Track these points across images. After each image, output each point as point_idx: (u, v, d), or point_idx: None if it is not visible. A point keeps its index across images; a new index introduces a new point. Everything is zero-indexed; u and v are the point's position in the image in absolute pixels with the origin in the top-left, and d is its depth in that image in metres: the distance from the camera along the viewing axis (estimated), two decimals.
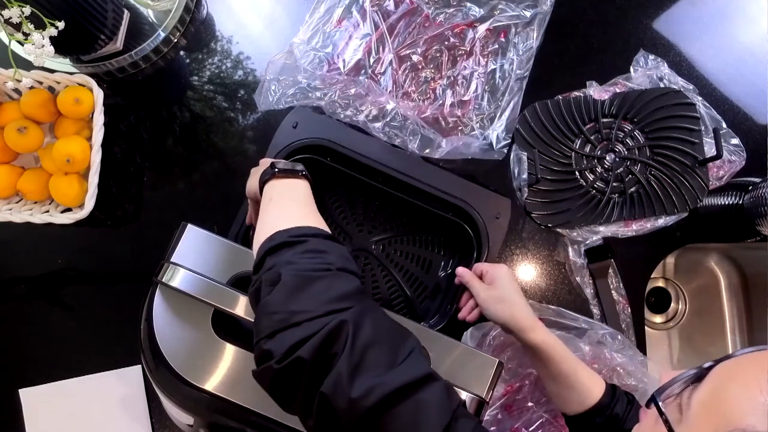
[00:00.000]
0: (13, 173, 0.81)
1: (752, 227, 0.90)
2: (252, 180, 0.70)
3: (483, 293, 0.75)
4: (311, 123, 0.84)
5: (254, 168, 0.72)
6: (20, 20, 0.67)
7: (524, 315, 0.73)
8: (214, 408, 0.59)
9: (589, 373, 0.72)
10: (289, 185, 0.63)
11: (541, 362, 0.72)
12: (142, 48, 0.89)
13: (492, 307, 0.74)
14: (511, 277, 0.76)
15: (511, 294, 0.74)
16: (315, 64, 0.89)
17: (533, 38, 0.93)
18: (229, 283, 0.61)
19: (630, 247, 0.92)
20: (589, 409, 0.70)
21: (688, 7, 1.02)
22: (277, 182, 0.63)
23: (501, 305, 0.73)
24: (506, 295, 0.74)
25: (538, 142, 0.92)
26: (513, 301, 0.73)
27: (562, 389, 0.72)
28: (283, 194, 0.62)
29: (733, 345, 1.10)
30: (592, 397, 0.70)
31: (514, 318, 0.72)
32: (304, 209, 0.61)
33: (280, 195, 0.62)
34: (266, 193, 0.63)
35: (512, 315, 0.72)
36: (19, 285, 0.86)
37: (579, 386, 0.71)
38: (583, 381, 0.71)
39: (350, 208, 0.92)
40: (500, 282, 0.75)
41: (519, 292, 0.75)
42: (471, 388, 0.62)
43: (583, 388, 0.71)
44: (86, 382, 0.83)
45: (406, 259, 0.91)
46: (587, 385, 0.71)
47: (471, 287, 0.77)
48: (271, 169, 0.64)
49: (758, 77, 1.00)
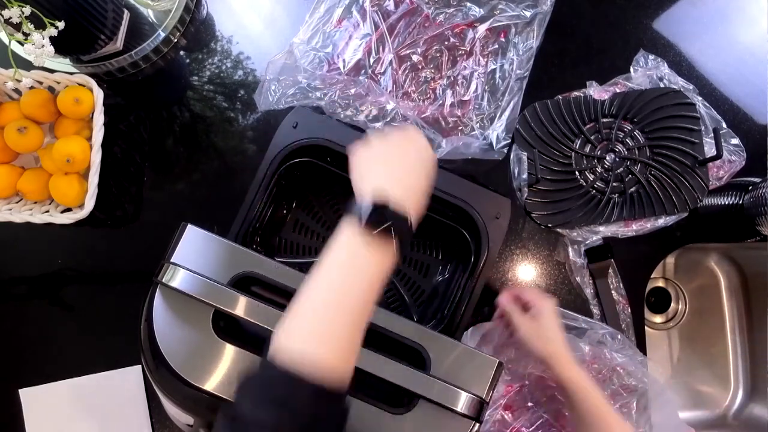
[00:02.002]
0: (13, 173, 0.81)
1: (752, 227, 0.90)
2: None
3: (525, 326, 0.75)
4: (311, 123, 0.84)
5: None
6: (20, 20, 0.67)
7: (562, 352, 0.72)
8: (214, 408, 0.59)
9: (617, 420, 0.70)
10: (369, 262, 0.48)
11: (571, 400, 0.72)
12: (142, 48, 0.89)
13: (533, 341, 0.74)
14: (556, 312, 0.76)
15: (554, 331, 0.74)
16: (315, 64, 0.89)
17: (533, 38, 0.93)
18: (229, 284, 0.61)
19: (630, 247, 0.92)
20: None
21: (688, 7, 1.02)
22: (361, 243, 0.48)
23: (542, 342, 0.73)
24: (549, 333, 0.74)
25: (538, 142, 0.92)
26: (555, 339, 0.73)
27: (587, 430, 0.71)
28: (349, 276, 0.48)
29: (733, 345, 1.10)
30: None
31: (551, 356, 0.72)
32: (351, 328, 0.47)
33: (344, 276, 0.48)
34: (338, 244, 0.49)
35: (551, 353, 0.72)
36: (19, 285, 0.86)
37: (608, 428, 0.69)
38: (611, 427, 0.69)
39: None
40: (545, 319, 0.74)
41: (561, 329, 0.75)
42: (471, 388, 0.61)
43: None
44: (86, 382, 0.83)
45: (404, 263, 0.91)
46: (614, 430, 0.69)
47: (512, 318, 0.77)
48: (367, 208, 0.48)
49: (758, 77, 1.00)
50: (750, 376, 1.08)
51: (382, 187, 0.50)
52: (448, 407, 0.60)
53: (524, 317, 0.76)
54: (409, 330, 0.64)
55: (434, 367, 0.62)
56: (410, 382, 0.60)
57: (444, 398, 0.60)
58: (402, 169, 0.54)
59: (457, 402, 0.60)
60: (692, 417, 1.08)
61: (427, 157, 0.57)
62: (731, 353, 1.10)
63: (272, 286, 0.62)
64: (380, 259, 0.49)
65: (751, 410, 1.06)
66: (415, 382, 0.60)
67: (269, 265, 0.63)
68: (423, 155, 0.57)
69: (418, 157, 0.56)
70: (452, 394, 0.61)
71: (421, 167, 0.56)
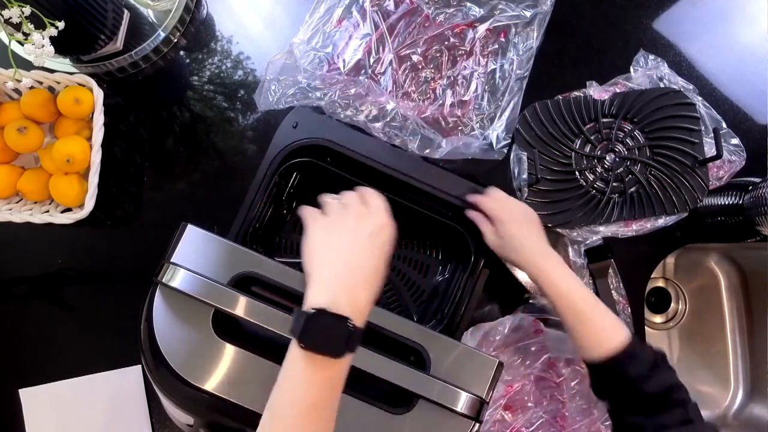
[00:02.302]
0: (13, 173, 0.81)
1: (752, 227, 0.89)
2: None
3: (489, 236, 0.74)
4: (311, 123, 0.84)
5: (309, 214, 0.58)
6: (20, 20, 0.67)
7: (535, 261, 0.70)
8: (214, 408, 0.59)
9: (607, 314, 0.67)
10: (310, 377, 0.49)
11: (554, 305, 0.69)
12: (142, 48, 0.89)
13: (499, 252, 0.72)
14: (515, 220, 0.73)
15: (517, 242, 0.71)
16: (315, 64, 0.89)
17: (533, 38, 0.93)
18: (229, 284, 0.61)
19: (630, 247, 0.92)
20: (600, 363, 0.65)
21: (688, 7, 1.02)
22: (298, 356, 0.49)
23: (507, 252, 0.72)
24: (510, 243, 0.71)
25: (538, 142, 0.92)
26: (522, 248, 0.71)
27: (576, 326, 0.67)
28: (295, 392, 0.49)
29: (733, 345, 1.10)
30: (609, 346, 0.64)
31: (524, 266, 0.71)
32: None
33: (292, 391, 0.49)
34: (288, 363, 0.50)
35: (521, 263, 0.71)
36: (19, 285, 0.86)
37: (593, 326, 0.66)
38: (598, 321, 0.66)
39: None
40: (503, 229, 0.72)
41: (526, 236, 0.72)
42: (471, 388, 0.62)
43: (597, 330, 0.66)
44: (86, 382, 0.83)
45: (404, 263, 0.91)
46: (603, 325, 0.66)
47: (480, 229, 0.76)
48: (301, 318, 0.49)
49: (758, 77, 1.00)
50: (750, 376, 1.08)
51: (322, 287, 0.51)
52: (448, 407, 0.60)
53: (490, 229, 0.75)
54: (408, 330, 0.64)
55: (434, 367, 0.62)
56: (410, 382, 0.60)
57: (444, 398, 0.60)
58: (352, 258, 0.53)
59: (457, 402, 0.60)
60: None
61: (382, 240, 0.55)
62: (731, 353, 1.10)
63: (272, 286, 0.62)
64: (321, 368, 0.49)
65: (751, 410, 1.06)
66: (414, 382, 0.60)
67: (269, 265, 0.63)
68: (378, 239, 0.55)
69: (370, 244, 0.54)
70: (452, 394, 0.61)
71: (371, 253, 0.54)
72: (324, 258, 0.52)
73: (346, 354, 0.49)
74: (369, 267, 0.53)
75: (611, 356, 0.64)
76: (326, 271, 0.52)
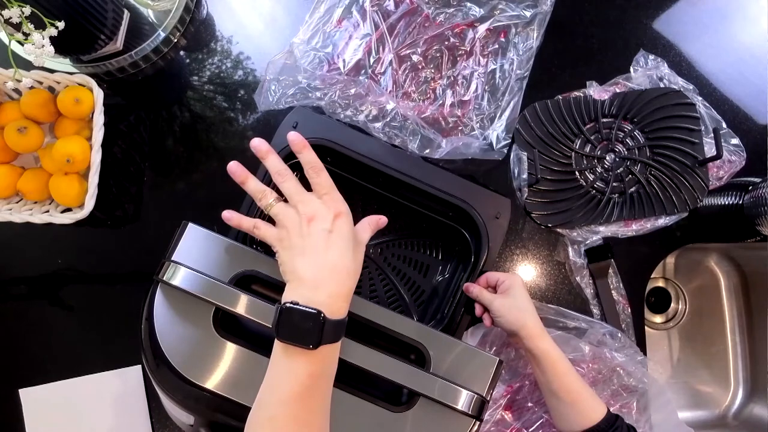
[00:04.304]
0: (13, 173, 0.81)
1: (752, 227, 0.90)
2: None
3: (497, 302, 0.77)
4: (311, 123, 0.84)
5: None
6: (20, 20, 0.67)
7: (535, 323, 0.74)
8: (215, 407, 0.59)
9: (591, 395, 0.73)
10: (289, 370, 0.52)
11: (545, 373, 0.73)
12: (142, 48, 0.89)
13: (506, 315, 0.76)
14: (524, 286, 0.79)
15: (525, 303, 0.76)
16: (315, 64, 0.89)
17: (533, 38, 0.93)
18: (230, 282, 0.61)
19: (630, 247, 0.92)
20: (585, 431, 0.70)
21: (688, 7, 1.03)
22: (280, 352, 0.53)
23: (515, 313, 0.75)
24: (520, 303, 0.76)
25: (538, 142, 0.92)
26: (526, 309, 0.76)
27: (561, 405, 0.73)
28: (279, 387, 0.52)
29: (733, 345, 1.10)
30: (591, 419, 0.70)
31: (525, 326, 0.74)
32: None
33: (276, 386, 0.52)
34: (272, 356, 0.54)
35: (525, 323, 0.74)
36: (19, 285, 0.86)
37: (579, 405, 0.71)
38: (584, 401, 0.72)
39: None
40: (515, 291, 0.77)
41: (531, 301, 0.77)
42: (471, 386, 0.61)
43: (582, 408, 0.71)
44: (86, 382, 0.83)
45: (404, 263, 0.91)
46: (588, 405, 0.71)
47: (482, 299, 0.79)
48: (276, 312, 0.53)
49: (758, 77, 1.00)
50: (750, 376, 1.08)
51: (295, 285, 0.54)
52: (449, 405, 0.60)
53: (492, 294, 0.79)
54: (409, 328, 0.64)
55: (434, 366, 0.62)
56: (411, 381, 0.60)
57: (444, 396, 0.60)
58: (317, 258, 0.55)
59: (458, 400, 0.60)
60: (692, 417, 1.08)
61: (340, 232, 0.57)
62: (731, 353, 1.10)
63: (273, 284, 0.62)
64: (299, 358, 0.52)
65: (751, 410, 1.06)
66: (415, 380, 0.60)
67: (269, 264, 0.62)
68: (337, 233, 0.57)
69: (329, 240, 0.56)
70: (453, 392, 0.60)
71: (333, 246, 0.56)
72: (298, 267, 0.55)
73: (321, 345, 0.51)
74: (333, 260, 0.55)
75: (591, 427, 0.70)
76: (300, 273, 0.55)
